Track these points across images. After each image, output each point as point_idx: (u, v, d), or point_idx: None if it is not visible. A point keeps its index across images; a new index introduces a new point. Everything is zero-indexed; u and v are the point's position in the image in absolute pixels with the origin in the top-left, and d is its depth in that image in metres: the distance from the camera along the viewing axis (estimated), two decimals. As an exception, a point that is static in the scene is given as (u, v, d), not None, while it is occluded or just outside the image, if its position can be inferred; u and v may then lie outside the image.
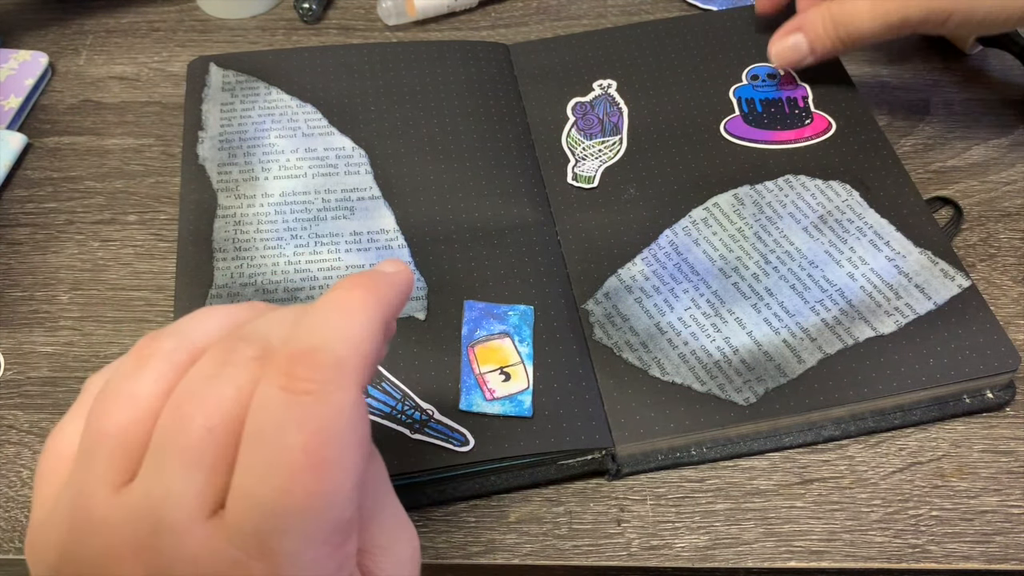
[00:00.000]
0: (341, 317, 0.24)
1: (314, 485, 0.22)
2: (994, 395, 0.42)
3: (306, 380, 0.22)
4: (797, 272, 0.44)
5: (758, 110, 0.50)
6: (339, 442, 0.22)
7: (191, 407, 0.23)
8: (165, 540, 0.22)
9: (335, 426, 0.22)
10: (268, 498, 0.22)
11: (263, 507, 0.22)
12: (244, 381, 0.23)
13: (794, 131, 0.49)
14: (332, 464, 0.22)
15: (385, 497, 0.27)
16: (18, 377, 0.43)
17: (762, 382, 0.40)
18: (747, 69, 0.52)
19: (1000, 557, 0.38)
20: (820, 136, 0.49)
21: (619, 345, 0.42)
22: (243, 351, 0.24)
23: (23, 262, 0.47)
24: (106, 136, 0.53)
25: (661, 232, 0.46)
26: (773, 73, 0.52)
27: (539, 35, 0.58)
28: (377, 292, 0.25)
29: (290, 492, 0.22)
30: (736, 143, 0.49)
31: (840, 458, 0.41)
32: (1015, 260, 0.47)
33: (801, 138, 0.49)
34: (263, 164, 0.48)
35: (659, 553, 0.38)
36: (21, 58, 0.56)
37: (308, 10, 0.59)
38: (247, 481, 0.22)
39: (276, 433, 0.22)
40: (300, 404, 0.22)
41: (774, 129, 0.50)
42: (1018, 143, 0.52)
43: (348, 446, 0.22)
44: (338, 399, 0.23)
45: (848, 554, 0.38)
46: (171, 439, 0.23)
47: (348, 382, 0.23)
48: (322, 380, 0.23)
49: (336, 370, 0.23)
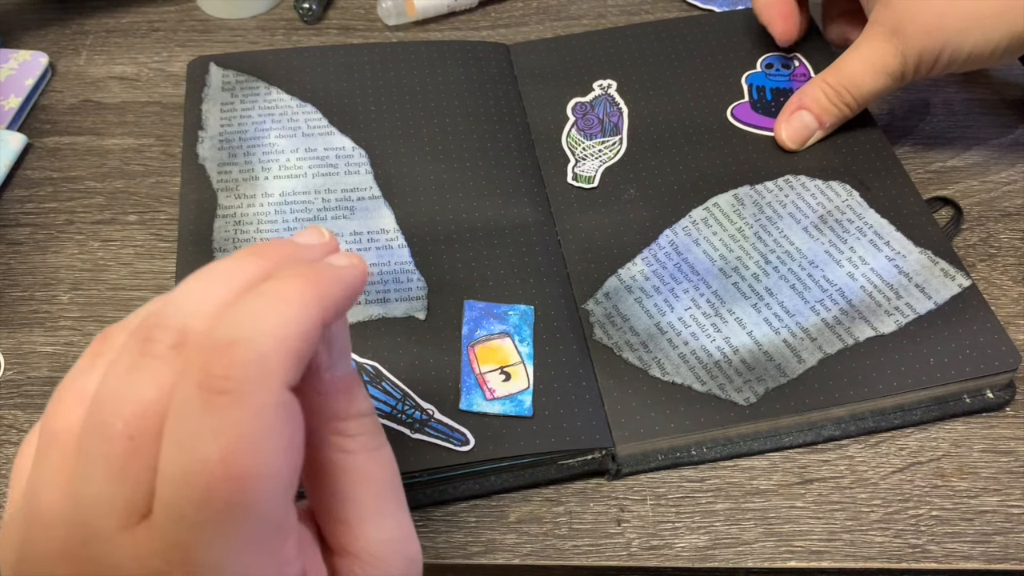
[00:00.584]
0: (271, 308, 0.22)
1: (233, 496, 0.21)
2: (994, 395, 0.42)
3: (223, 378, 0.21)
4: (797, 272, 0.44)
5: (767, 98, 0.51)
6: (260, 449, 0.21)
7: (111, 413, 0.22)
8: (93, 549, 0.22)
9: (255, 432, 0.21)
10: (187, 510, 0.21)
11: (183, 519, 0.21)
12: (164, 376, 0.22)
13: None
14: (253, 473, 0.21)
15: (386, 503, 0.26)
16: (18, 377, 0.43)
17: (762, 382, 0.40)
18: (762, 57, 0.53)
19: (1000, 557, 0.38)
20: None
21: (619, 345, 0.42)
22: (161, 339, 0.23)
23: (23, 262, 0.47)
24: (106, 136, 0.53)
25: (661, 232, 0.46)
26: (788, 63, 0.53)
27: (539, 35, 0.58)
28: (319, 285, 0.23)
29: (208, 504, 0.21)
30: (741, 129, 0.50)
31: (840, 458, 0.41)
32: (1015, 260, 0.47)
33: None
34: (263, 164, 0.48)
35: (659, 553, 0.38)
36: (21, 58, 0.56)
37: (308, 10, 0.59)
38: (167, 492, 0.21)
39: (192, 441, 0.21)
40: (217, 407, 0.21)
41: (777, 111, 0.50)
42: (1018, 143, 0.52)
43: (272, 452, 0.21)
44: (258, 401, 0.21)
45: (848, 554, 0.38)
46: (94, 446, 0.22)
47: (271, 382, 0.21)
48: (240, 379, 0.21)
49: (257, 368, 0.21)
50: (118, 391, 0.22)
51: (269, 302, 0.22)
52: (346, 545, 0.25)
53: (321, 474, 0.25)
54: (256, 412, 0.21)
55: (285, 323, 0.22)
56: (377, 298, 0.43)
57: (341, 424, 0.25)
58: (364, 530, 0.25)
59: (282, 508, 0.22)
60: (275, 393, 0.21)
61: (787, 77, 0.52)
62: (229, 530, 0.21)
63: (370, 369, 0.41)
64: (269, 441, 0.21)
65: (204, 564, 0.21)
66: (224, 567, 0.21)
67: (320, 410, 0.25)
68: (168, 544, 0.21)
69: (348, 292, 0.24)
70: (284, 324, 0.22)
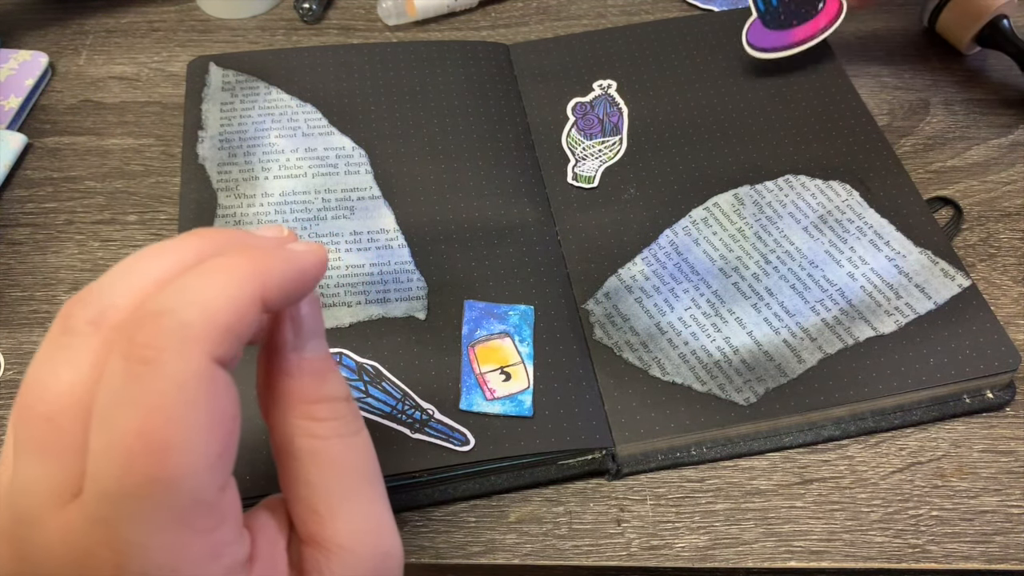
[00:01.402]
0: (202, 281, 0.21)
1: (153, 470, 0.20)
2: (994, 395, 0.42)
3: (144, 347, 0.20)
4: (797, 272, 0.44)
5: (773, 4, 0.51)
6: (179, 421, 0.20)
7: (31, 396, 0.22)
8: (24, 530, 0.22)
9: (174, 403, 0.20)
10: (109, 485, 0.20)
11: (106, 494, 0.20)
12: (83, 354, 0.22)
13: (810, 23, 0.51)
14: (172, 446, 0.20)
15: (358, 493, 0.25)
16: (18, 377, 0.43)
17: (762, 382, 0.40)
18: None
19: (1000, 557, 0.38)
20: (834, 22, 0.50)
21: (619, 345, 0.42)
22: (79, 316, 0.22)
23: (23, 262, 0.47)
24: (106, 136, 0.53)
25: (661, 232, 0.46)
26: None
27: (539, 35, 0.58)
28: (258, 262, 0.23)
29: (128, 477, 0.20)
30: (760, 58, 0.51)
31: (840, 458, 0.41)
32: (1015, 260, 0.47)
33: (817, 31, 0.51)
34: (263, 164, 0.48)
35: (659, 553, 0.38)
36: (21, 58, 0.56)
37: (308, 10, 0.59)
38: (92, 467, 0.21)
39: (114, 413, 0.20)
40: (137, 377, 0.20)
41: (790, 26, 0.51)
42: (1018, 143, 0.52)
43: (193, 425, 0.20)
44: (176, 369, 0.20)
45: (848, 554, 0.38)
46: (21, 431, 0.22)
47: (192, 351, 0.21)
48: (160, 347, 0.20)
49: (178, 337, 0.21)
50: (37, 373, 0.22)
51: (201, 275, 0.22)
52: (315, 535, 0.24)
53: (291, 460, 0.25)
54: (176, 382, 0.20)
55: (215, 295, 0.21)
56: (377, 298, 0.43)
57: (311, 407, 0.25)
58: (333, 520, 0.24)
59: (209, 486, 0.21)
60: (196, 363, 0.21)
61: None
62: (151, 506, 0.20)
63: (370, 369, 0.41)
64: (189, 413, 0.20)
65: (128, 542, 0.21)
66: (148, 546, 0.21)
67: (288, 392, 0.25)
68: (93, 521, 0.21)
69: (299, 274, 0.24)
70: (213, 296, 0.21)
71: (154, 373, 0.20)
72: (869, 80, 0.55)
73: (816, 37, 0.51)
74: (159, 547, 0.21)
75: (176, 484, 0.20)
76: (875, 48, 0.57)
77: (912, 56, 0.56)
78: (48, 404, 0.22)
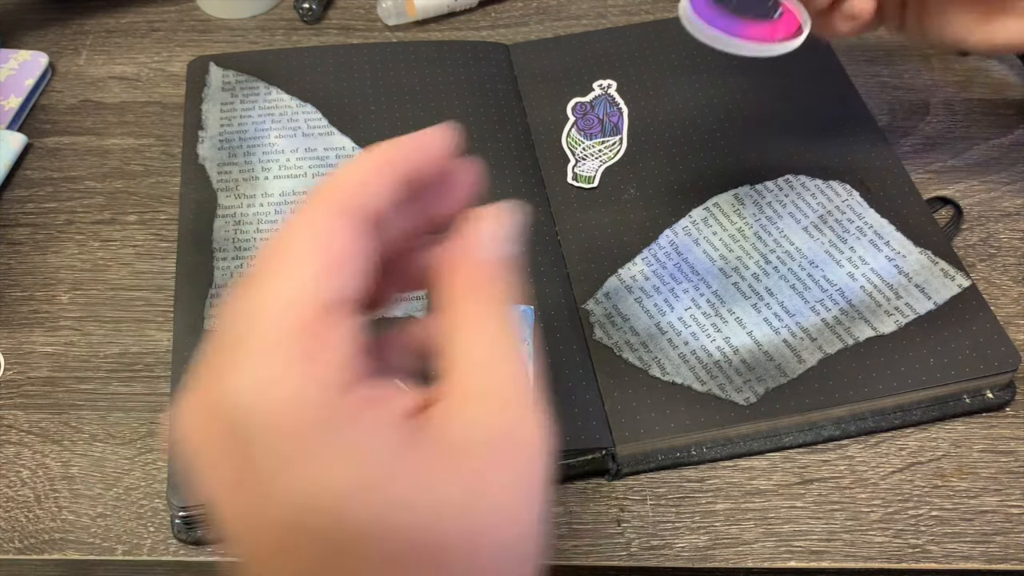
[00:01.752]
0: (344, 166, 0.26)
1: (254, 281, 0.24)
2: (994, 395, 0.42)
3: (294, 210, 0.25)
4: (797, 272, 0.44)
5: None
6: (278, 252, 0.24)
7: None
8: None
9: (290, 236, 0.24)
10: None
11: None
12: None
13: (764, 25, 0.40)
14: (264, 269, 0.24)
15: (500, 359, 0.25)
16: (18, 377, 0.43)
17: (762, 382, 0.40)
18: None
19: (1000, 557, 0.38)
20: (790, 40, 0.40)
21: (619, 345, 0.42)
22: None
23: (23, 262, 0.47)
24: (106, 136, 0.53)
25: (661, 232, 0.46)
26: None
27: (539, 35, 0.58)
28: (389, 147, 0.27)
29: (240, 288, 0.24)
30: (701, 28, 0.39)
31: (840, 458, 0.41)
32: (1015, 260, 0.47)
33: (771, 39, 0.40)
34: (263, 164, 0.48)
35: (659, 553, 0.38)
36: (21, 58, 0.56)
37: (308, 10, 0.59)
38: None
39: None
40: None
41: (743, 16, 0.40)
42: (1018, 143, 0.52)
43: (290, 255, 0.24)
44: (292, 220, 0.24)
45: (848, 554, 0.38)
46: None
47: (309, 208, 0.24)
48: (297, 209, 0.25)
49: (306, 200, 0.25)
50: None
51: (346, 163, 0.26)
52: (446, 375, 0.25)
53: (446, 309, 0.26)
54: (295, 224, 0.24)
55: (342, 172, 0.26)
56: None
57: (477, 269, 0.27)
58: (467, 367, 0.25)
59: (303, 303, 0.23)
60: (309, 214, 0.24)
61: None
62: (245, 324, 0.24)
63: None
64: (297, 243, 0.24)
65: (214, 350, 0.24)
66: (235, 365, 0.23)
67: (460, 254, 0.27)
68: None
69: (422, 145, 0.28)
70: (341, 172, 0.26)
71: (285, 224, 0.25)
72: (869, 80, 0.55)
73: (765, 46, 0.40)
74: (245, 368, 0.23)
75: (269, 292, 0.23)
76: (875, 48, 0.57)
77: (913, 56, 0.56)
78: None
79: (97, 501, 0.39)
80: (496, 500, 0.23)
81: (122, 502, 0.39)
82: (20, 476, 0.40)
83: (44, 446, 0.41)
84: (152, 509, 0.39)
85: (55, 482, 0.40)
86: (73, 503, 0.39)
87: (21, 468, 0.40)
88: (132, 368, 0.43)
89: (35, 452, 0.41)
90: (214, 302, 0.43)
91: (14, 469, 0.40)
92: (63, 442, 0.41)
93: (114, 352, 0.44)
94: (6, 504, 0.39)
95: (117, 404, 0.42)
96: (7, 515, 0.39)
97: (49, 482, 0.40)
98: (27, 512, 0.39)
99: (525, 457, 0.24)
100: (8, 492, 0.40)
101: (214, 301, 0.43)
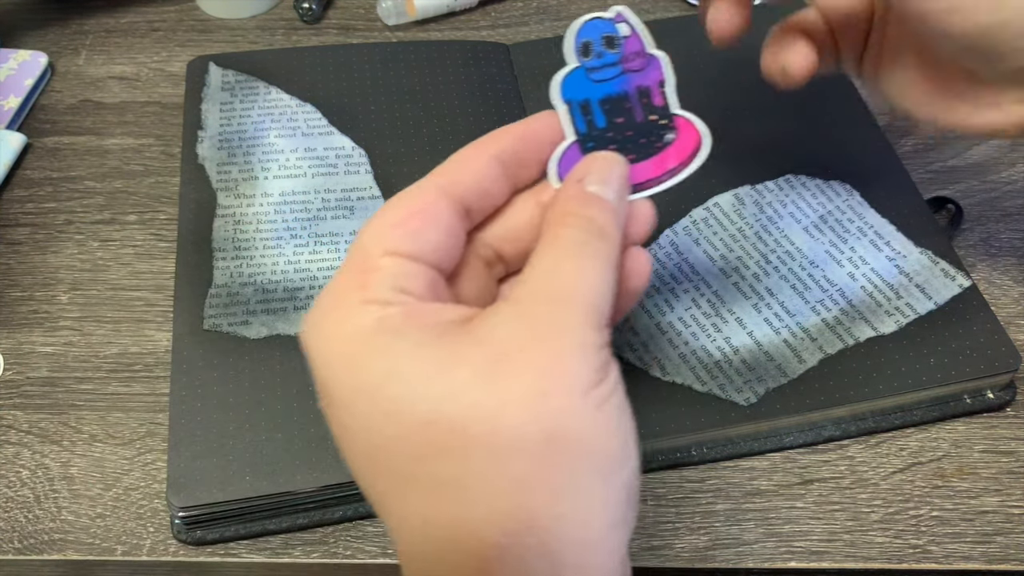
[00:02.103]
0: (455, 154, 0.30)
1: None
2: (995, 395, 0.42)
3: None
4: (798, 272, 0.44)
5: (599, 124, 0.31)
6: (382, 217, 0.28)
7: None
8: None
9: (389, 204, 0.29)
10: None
11: None
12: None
13: (654, 160, 0.31)
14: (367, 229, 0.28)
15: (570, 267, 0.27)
16: (17, 377, 0.43)
17: (763, 382, 0.40)
18: (578, 24, 0.31)
19: (1001, 557, 0.38)
20: (686, 166, 0.32)
21: (619, 345, 0.42)
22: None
23: (23, 262, 0.47)
24: (106, 136, 0.53)
25: (661, 232, 0.46)
26: (613, 36, 0.31)
27: (539, 35, 0.58)
28: (495, 134, 0.30)
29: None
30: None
31: (840, 458, 0.41)
32: (1016, 260, 0.47)
33: (661, 173, 0.31)
34: (263, 164, 0.48)
35: (659, 553, 0.38)
36: (21, 58, 0.56)
37: (308, 10, 0.59)
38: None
39: None
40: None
41: (624, 150, 0.31)
42: (1019, 143, 0.52)
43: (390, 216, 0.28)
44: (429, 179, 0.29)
45: (848, 554, 0.38)
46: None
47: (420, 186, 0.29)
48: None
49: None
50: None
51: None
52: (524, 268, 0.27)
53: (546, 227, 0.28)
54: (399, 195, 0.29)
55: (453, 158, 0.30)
56: (377, 298, 0.43)
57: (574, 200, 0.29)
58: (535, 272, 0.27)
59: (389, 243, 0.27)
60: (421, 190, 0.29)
61: (617, 69, 0.31)
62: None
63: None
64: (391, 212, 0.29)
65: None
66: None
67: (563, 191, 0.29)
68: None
69: (526, 131, 0.30)
70: (453, 158, 0.30)
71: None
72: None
73: (662, 181, 0.31)
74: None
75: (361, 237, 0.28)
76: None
77: (912, 56, 0.56)
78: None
79: (96, 501, 0.39)
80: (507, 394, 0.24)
81: (121, 502, 0.39)
82: (19, 476, 0.40)
83: (43, 446, 0.41)
84: (152, 509, 0.39)
85: (54, 482, 0.40)
86: (72, 503, 0.39)
87: (20, 468, 0.40)
88: (132, 368, 0.43)
89: (34, 452, 0.41)
90: (214, 302, 0.43)
91: (13, 469, 0.40)
92: (62, 442, 0.41)
93: (113, 352, 0.44)
94: (5, 504, 0.39)
95: (117, 404, 0.42)
96: (6, 515, 0.39)
97: (48, 482, 0.40)
98: (26, 512, 0.39)
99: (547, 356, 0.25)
100: (7, 492, 0.40)
101: (214, 301, 0.43)
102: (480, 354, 0.24)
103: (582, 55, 0.31)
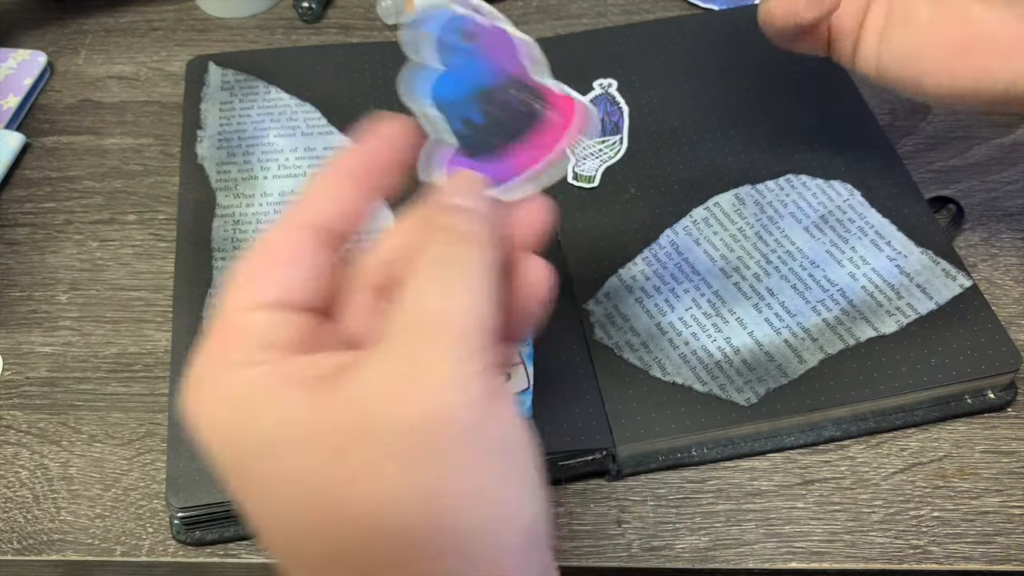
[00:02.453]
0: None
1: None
2: (996, 395, 0.42)
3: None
4: (798, 272, 0.44)
5: (477, 121, 0.30)
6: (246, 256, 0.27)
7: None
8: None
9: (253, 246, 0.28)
10: None
11: None
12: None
13: (535, 142, 0.31)
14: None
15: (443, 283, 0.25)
16: (17, 377, 0.43)
17: (763, 382, 0.40)
18: (428, 23, 0.30)
19: (1001, 558, 0.38)
20: (571, 138, 0.31)
21: (620, 345, 0.42)
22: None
23: (22, 262, 0.47)
24: (105, 136, 0.53)
25: (662, 232, 0.46)
26: (470, 29, 0.31)
27: (539, 35, 0.58)
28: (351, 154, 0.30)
29: None
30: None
31: (841, 459, 0.40)
32: (1017, 260, 0.47)
33: (550, 152, 0.30)
34: (262, 163, 0.48)
35: (660, 554, 0.38)
36: (20, 57, 0.56)
37: (308, 9, 0.59)
38: None
39: None
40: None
41: (505, 147, 0.30)
42: (1019, 142, 0.52)
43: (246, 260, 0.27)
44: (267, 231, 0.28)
45: (849, 555, 0.38)
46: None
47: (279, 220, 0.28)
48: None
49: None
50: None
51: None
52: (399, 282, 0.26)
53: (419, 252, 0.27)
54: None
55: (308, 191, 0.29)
56: (377, 298, 0.43)
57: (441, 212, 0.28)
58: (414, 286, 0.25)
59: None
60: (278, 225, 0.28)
61: (479, 57, 0.31)
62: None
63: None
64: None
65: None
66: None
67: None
68: None
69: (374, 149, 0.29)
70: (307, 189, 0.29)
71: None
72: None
73: (552, 162, 0.30)
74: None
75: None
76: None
77: (913, 55, 0.56)
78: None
79: (96, 502, 0.39)
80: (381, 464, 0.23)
81: (121, 503, 0.39)
82: (19, 477, 0.40)
83: (43, 446, 0.41)
84: (151, 510, 0.39)
85: (54, 483, 0.40)
86: (72, 504, 0.39)
87: (20, 468, 0.40)
88: (131, 368, 0.43)
89: (34, 452, 0.41)
90: (213, 302, 0.43)
91: (12, 470, 0.40)
92: (62, 442, 0.41)
93: (113, 352, 0.44)
94: (4, 505, 0.39)
95: (116, 404, 0.42)
96: (5, 516, 0.39)
97: (48, 483, 0.40)
98: (25, 513, 0.39)
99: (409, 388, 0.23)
100: (7, 493, 0.40)
101: (213, 301, 0.43)
102: (351, 415, 0.23)
103: (441, 54, 0.30)
